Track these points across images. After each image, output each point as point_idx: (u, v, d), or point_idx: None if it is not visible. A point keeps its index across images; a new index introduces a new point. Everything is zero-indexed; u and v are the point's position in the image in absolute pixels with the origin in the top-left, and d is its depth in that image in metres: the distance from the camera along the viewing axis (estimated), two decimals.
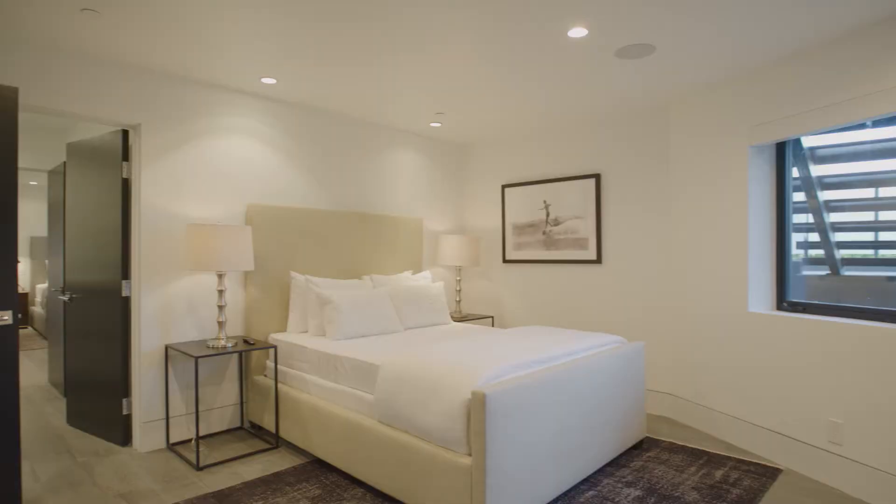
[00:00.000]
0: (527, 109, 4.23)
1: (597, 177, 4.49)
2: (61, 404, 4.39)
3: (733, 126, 3.46)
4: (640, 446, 3.40)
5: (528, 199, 5.03)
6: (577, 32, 2.78)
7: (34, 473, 3.02)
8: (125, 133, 3.44)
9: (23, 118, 5.03)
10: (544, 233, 4.89)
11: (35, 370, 5.72)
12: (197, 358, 3.03)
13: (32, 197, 9.16)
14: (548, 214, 4.87)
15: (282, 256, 3.94)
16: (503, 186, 5.24)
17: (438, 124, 4.72)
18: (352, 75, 3.45)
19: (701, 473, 2.99)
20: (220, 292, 3.37)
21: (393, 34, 2.82)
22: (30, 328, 8.75)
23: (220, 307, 3.36)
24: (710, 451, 3.33)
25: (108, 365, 3.51)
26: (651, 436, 3.62)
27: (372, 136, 4.71)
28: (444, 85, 3.63)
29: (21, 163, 5.26)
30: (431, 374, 2.48)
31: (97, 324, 3.60)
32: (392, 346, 3.28)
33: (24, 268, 9.19)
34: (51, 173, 5.00)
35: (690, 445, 3.42)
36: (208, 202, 3.64)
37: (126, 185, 3.44)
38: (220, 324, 3.35)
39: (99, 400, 3.59)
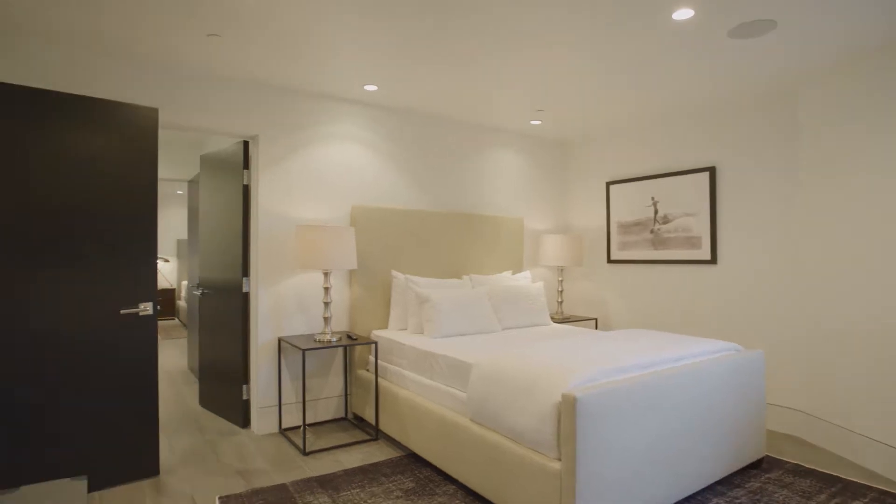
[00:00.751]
0: (631, 102, 4.01)
1: (711, 170, 4.14)
2: (196, 388, 4.93)
3: (891, 102, 2.99)
4: (758, 465, 3.07)
5: (635, 196, 4.77)
6: (683, 14, 2.58)
7: (171, 447, 3.42)
8: (246, 144, 3.79)
9: (165, 134, 5.73)
10: (652, 231, 4.61)
11: (178, 356, 6.48)
12: (304, 350, 3.25)
13: (179, 204, 10.48)
14: (656, 212, 4.58)
15: (384, 256, 4.10)
16: (608, 183, 5.02)
17: (539, 122, 4.64)
18: (449, 77, 3.50)
19: (833, 503, 2.63)
20: (326, 290, 3.58)
21: (490, 33, 2.81)
22: (176, 319, 9.95)
23: (326, 304, 3.57)
24: (847, 478, 2.92)
25: (232, 354, 3.87)
26: (773, 455, 3.26)
27: (471, 137, 4.74)
28: (544, 82, 3.56)
29: (167, 174, 5.99)
30: (523, 374, 2.43)
31: (223, 317, 3.99)
32: (488, 346, 3.27)
33: (172, 266, 10.51)
34: (190, 183, 5.64)
35: (821, 470, 3.03)
36: (316, 205, 3.89)
37: (246, 191, 3.78)
38: (326, 319, 3.55)
39: (224, 385, 3.98)
